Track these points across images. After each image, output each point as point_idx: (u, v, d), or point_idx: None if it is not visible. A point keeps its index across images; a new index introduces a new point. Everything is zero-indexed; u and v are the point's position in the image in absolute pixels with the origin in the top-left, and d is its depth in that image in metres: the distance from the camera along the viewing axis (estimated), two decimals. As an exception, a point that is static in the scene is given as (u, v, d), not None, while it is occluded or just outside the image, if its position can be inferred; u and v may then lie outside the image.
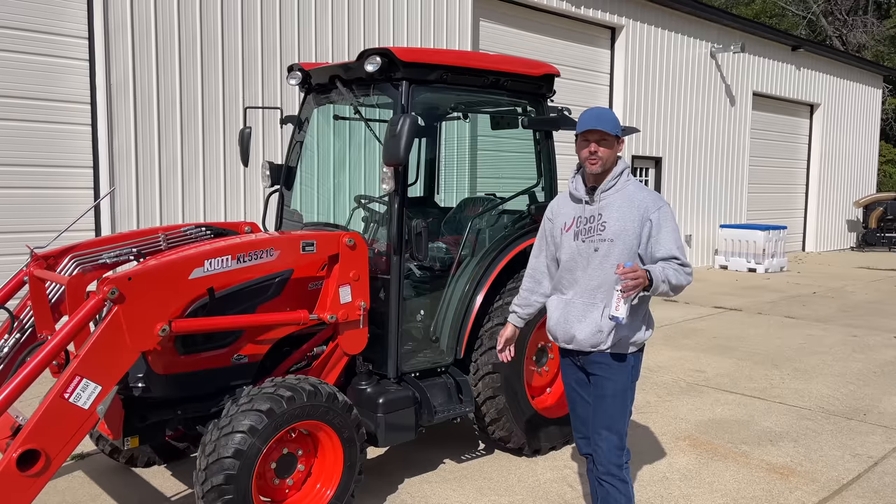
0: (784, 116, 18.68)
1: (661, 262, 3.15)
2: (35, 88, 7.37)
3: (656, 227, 3.16)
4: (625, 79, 13.75)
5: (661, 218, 3.17)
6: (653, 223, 3.16)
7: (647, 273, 3.05)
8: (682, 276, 3.15)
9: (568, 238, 3.32)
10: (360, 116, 4.50)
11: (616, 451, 3.27)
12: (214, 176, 8.50)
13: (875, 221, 21.10)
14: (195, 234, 4.56)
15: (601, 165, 3.21)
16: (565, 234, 3.34)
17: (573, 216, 3.33)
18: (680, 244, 3.18)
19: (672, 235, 3.17)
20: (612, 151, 3.22)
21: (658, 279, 3.07)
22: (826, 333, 9.13)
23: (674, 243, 3.16)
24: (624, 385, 3.28)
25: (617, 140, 3.23)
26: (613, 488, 3.29)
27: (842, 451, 5.16)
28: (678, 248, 3.16)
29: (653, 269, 3.09)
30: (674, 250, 3.15)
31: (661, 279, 3.08)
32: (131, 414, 3.78)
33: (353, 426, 3.80)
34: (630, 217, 3.18)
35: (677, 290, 3.15)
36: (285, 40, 8.97)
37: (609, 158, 3.22)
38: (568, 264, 3.33)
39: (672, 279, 3.11)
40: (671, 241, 3.16)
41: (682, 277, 3.14)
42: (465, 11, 10.87)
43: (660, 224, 3.16)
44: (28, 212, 7.38)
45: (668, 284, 3.10)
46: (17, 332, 3.99)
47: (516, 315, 3.61)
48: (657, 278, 3.07)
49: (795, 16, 32.73)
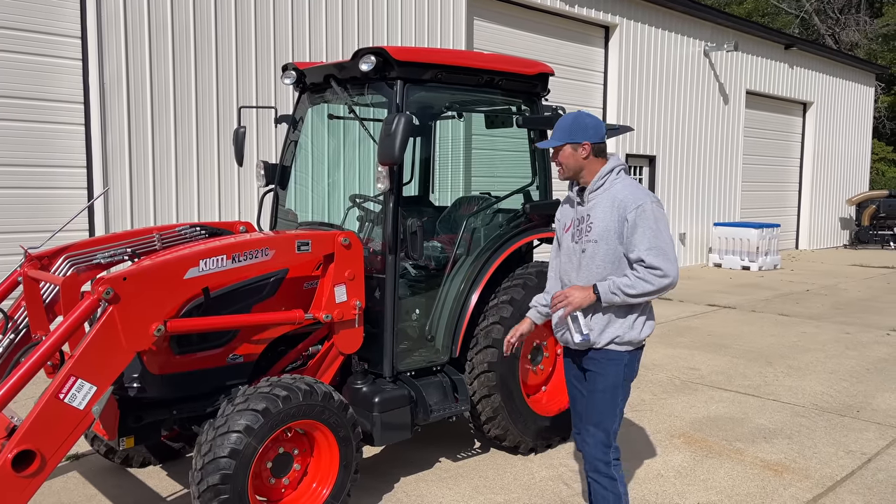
0: (777, 115, 18.75)
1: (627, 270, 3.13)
2: (28, 88, 7.34)
3: (631, 227, 3.11)
4: (619, 78, 13.77)
5: (638, 217, 3.10)
6: (629, 223, 3.11)
7: (594, 288, 3.09)
8: (647, 283, 3.06)
9: (566, 239, 3.37)
10: (354, 116, 4.50)
11: (602, 447, 3.27)
12: (209, 175, 8.48)
13: (868, 219, 21.20)
14: (190, 234, 4.55)
15: (563, 173, 3.32)
16: (565, 236, 3.39)
17: (571, 217, 3.37)
18: (655, 245, 3.07)
19: (646, 235, 3.08)
20: (571, 157, 3.26)
21: (606, 292, 3.08)
22: (819, 331, 9.16)
23: (646, 244, 3.07)
24: (615, 382, 3.26)
25: (572, 146, 3.24)
26: (599, 486, 3.30)
27: (835, 447, 5.19)
28: (649, 250, 3.06)
29: (601, 285, 3.10)
30: (642, 252, 3.07)
31: (611, 292, 3.07)
32: (126, 414, 3.77)
33: (349, 425, 3.80)
34: (611, 217, 3.16)
35: (644, 297, 3.09)
36: (279, 39, 8.95)
37: (568, 163, 3.27)
38: (565, 266, 3.38)
39: (628, 290, 3.06)
40: (643, 242, 3.07)
41: (647, 285, 3.06)
42: (460, 10, 10.87)
43: (635, 224, 3.10)
44: (21, 212, 7.35)
45: (622, 295, 3.07)
46: (11, 332, 3.98)
47: (535, 310, 3.60)
48: (604, 293, 3.08)
49: (788, 14, 32.82)
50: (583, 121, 3.28)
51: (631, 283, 3.07)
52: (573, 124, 3.27)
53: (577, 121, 3.28)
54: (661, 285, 3.06)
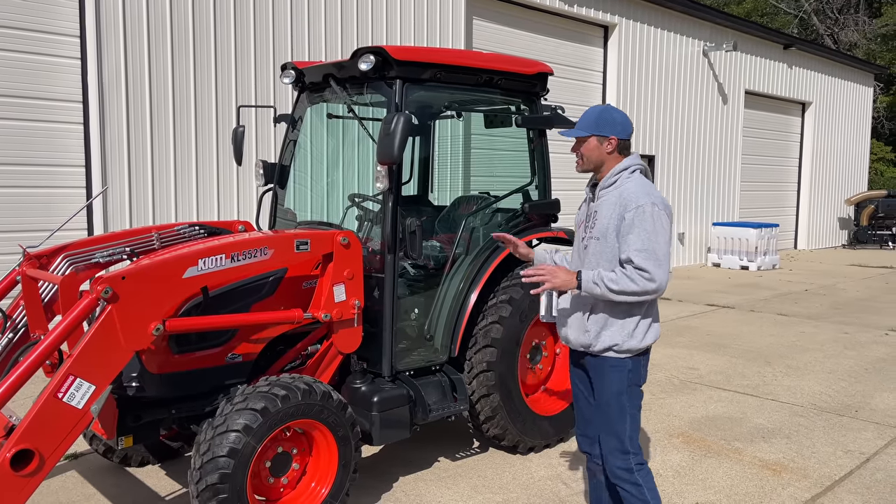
0: (776, 115, 18.76)
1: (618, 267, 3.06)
2: (27, 87, 7.34)
3: (627, 227, 3.03)
4: (618, 77, 13.78)
5: (636, 217, 3.02)
6: (625, 221, 3.05)
7: (578, 274, 3.05)
8: (632, 282, 2.97)
9: (579, 234, 3.34)
10: (353, 115, 4.50)
11: (619, 454, 3.18)
12: (207, 175, 8.48)
13: (866, 219, 21.22)
14: (189, 233, 4.56)
15: (581, 165, 3.25)
16: (579, 231, 3.35)
17: (585, 214, 3.34)
18: (647, 247, 2.99)
19: (640, 237, 2.99)
20: (593, 149, 3.19)
21: (588, 280, 3.03)
22: (818, 330, 9.17)
23: (638, 245, 2.99)
24: (619, 389, 3.16)
25: (598, 138, 3.17)
26: (628, 493, 3.19)
27: (834, 447, 5.19)
28: (640, 251, 2.98)
29: (585, 272, 3.05)
30: (632, 252, 2.99)
31: (594, 281, 3.02)
32: (125, 413, 3.76)
33: (348, 425, 3.80)
34: (613, 215, 3.11)
35: (625, 295, 3.00)
36: (278, 38, 8.95)
37: (591, 156, 3.20)
38: (574, 261, 3.36)
39: (611, 283, 2.99)
40: (636, 243, 2.99)
41: (631, 284, 2.97)
42: (459, 10, 10.87)
43: (632, 223, 3.02)
44: (20, 211, 7.34)
45: (603, 288, 2.99)
46: (9, 331, 3.98)
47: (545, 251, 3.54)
48: (586, 281, 3.03)
49: (787, 14, 32.83)
50: (611, 114, 3.20)
51: (615, 278, 3.00)
52: (601, 116, 3.19)
53: (605, 113, 3.20)
54: (646, 288, 2.98)
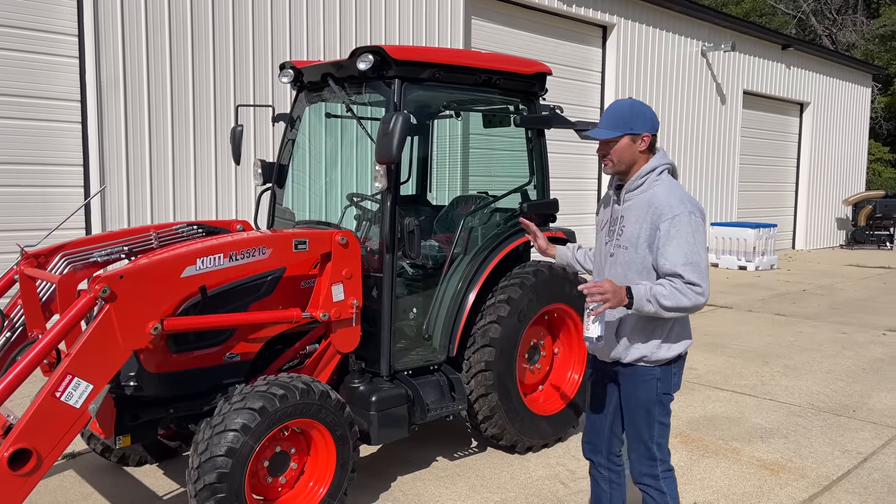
0: (774, 115, 18.78)
1: (662, 279, 2.86)
2: (24, 86, 7.32)
3: (664, 238, 2.84)
4: (616, 77, 13.78)
5: (673, 227, 2.83)
6: (661, 232, 2.85)
7: (628, 290, 2.80)
8: (684, 297, 2.79)
9: (601, 237, 3.16)
10: (352, 114, 4.50)
11: (646, 461, 3.08)
12: (206, 174, 8.47)
13: (864, 219, 21.25)
14: (187, 233, 4.55)
15: (612, 167, 3.02)
16: (600, 233, 3.18)
17: (609, 215, 3.13)
18: (692, 260, 2.81)
19: (682, 249, 2.81)
20: (626, 149, 2.97)
21: (641, 298, 2.79)
22: (816, 330, 9.18)
23: (682, 258, 2.80)
24: (647, 399, 3.03)
25: (631, 137, 2.95)
26: (650, 498, 3.11)
27: (831, 447, 5.20)
28: (686, 265, 2.80)
29: (636, 289, 2.81)
30: (678, 267, 2.80)
31: (647, 298, 2.79)
32: (123, 412, 3.76)
33: (346, 424, 3.80)
34: (643, 223, 2.91)
35: (677, 311, 2.82)
36: (277, 37, 8.94)
37: (623, 157, 2.98)
38: (596, 266, 3.21)
39: (664, 300, 2.79)
40: (678, 256, 2.81)
41: (683, 299, 2.79)
42: (458, 9, 10.86)
43: (668, 235, 2.83)
44: (18, 210, 7.33)
45: (656, 305, 2.79)
46: (7, 330, 3.97)
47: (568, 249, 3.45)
48: (640, 297, 2.79)
49: (785, 14, 32.86)
50: (640, 109, 2.98)
51: (668, 293, 2.79)
52: (631, 112, 2.95)
53: (634, 108, 2.97)
54: (697, 303, 2.81)
